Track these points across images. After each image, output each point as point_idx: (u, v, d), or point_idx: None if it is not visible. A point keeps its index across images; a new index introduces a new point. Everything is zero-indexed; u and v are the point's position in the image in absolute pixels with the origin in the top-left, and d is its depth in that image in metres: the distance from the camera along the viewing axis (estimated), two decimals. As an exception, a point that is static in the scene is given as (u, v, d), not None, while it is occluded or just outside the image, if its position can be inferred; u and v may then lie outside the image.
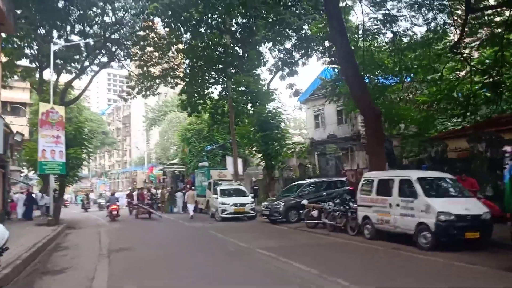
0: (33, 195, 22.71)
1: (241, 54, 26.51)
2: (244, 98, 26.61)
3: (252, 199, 19.76)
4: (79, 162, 21.05)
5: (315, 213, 14.90)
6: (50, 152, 18.43)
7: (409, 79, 19.98)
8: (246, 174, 31.84)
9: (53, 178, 19.23)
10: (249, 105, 25.94)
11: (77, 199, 50.13)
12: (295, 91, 26.02)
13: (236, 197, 19.36)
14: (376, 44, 20.77)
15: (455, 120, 18.11)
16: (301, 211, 16.13)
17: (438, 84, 17.70)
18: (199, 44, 26.38)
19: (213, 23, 25.95)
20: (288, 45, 27.37)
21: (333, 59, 25.49)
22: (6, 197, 23.22)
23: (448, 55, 17.17)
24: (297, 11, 22.73)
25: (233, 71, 27.28)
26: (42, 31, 25.19)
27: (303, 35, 26.85)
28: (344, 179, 18.91)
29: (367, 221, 11.82)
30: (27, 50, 25.71)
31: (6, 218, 21.76)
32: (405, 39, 17.79)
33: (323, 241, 12.05)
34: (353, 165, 26.76)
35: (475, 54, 17.41)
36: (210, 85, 29.58)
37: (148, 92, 30.87)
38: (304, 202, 15.71)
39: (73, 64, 26.49)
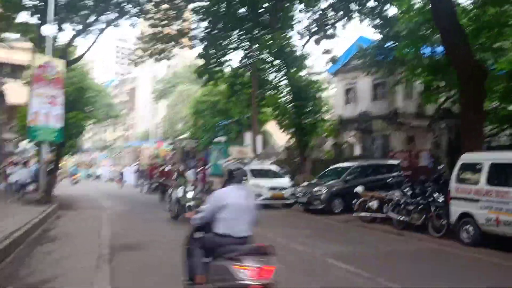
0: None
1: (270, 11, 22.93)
2: (270, 64, 23.15)
3: (291, 183, 16.47)
4: (80, 130, 17.60)
5: (374, 204, 11.72)
6: (44, 115, 15.16)
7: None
8: (265, 152, 28.65)
9: (46, 148, 15.83)
10: (279, 73, 22.38)
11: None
12: (332, 58, 22.40)
13: (272, 179, 16.09)
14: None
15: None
16: (351, 201, 12.89)
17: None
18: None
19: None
20: (324, 4, 23.59)
21: (378, 21, 21.89)
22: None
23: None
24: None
25: (258, 33, 23.84)
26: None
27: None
28: (396, 162, 15.72)
29: (468, 220, 8.59)
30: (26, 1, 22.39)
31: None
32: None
33: (409, 247, 8.82)
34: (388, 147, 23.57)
35: None
36: (230, 50, 26.15)
37: (161, 55, 27.46)
38: (359, 189, 12.44)
39: (75, 18, 23.02)
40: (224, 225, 4.11)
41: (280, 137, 30.53)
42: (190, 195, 11.59)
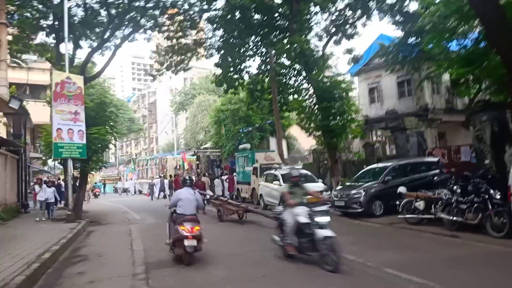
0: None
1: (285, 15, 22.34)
2: (289, 68, 22.64)
3: (326, 187, 15.71)
4: (104, 145, 17.23)
5: (420, 204, 10.90)
6: (67, 131, 14.89)
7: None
8: (291, 157, 28.00)
9: (71, 164, 15.55)
10: (299, 76, 21.90)
11: (105, 189, 47.45)
12: (353, 57, 21.65)
13: (306, 184, 15.31)
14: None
15: None
16: (391, 202, 12.10)
17: None
18: (236, 6, 22.36)
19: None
20: (341, 4, 22.91)
21: (399, 18, 21.04)
22: (22, 188, 20.07)
23: None
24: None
25: (275, 38, 23.30)
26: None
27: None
28: (435, 159, 14.82)
29: (535, 218, 7.74)
30: (42, 22, 22.53)
31: (22, 211, 18.65)
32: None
33: (471, 250, 7.98)
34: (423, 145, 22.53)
35: None
36: (247, 58, 25.72)
37: (178, 67, 27.22)
38: (402, 189, 11.65)
39: (91, 35, 23.01)
40: (180, 209, 7.71)
41: (305, 141, 29.83)
42: (323, 219, 6.96)
